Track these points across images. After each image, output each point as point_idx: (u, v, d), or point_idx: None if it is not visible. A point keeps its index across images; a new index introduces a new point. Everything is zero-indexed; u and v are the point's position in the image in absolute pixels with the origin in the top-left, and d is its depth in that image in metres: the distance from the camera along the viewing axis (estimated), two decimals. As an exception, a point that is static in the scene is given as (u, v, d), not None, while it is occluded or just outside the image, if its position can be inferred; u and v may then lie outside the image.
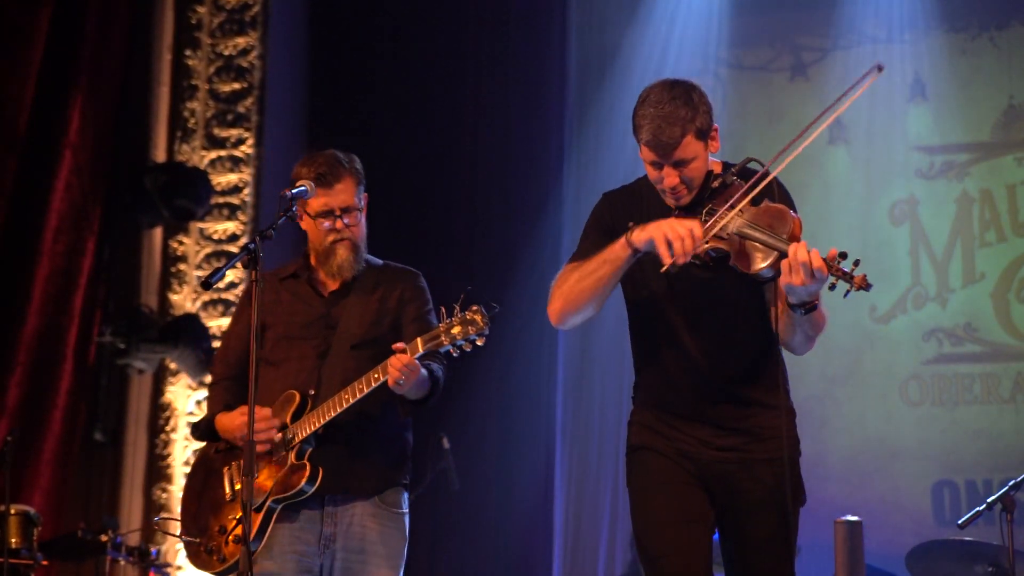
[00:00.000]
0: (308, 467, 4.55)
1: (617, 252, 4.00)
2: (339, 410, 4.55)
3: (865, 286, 3.65)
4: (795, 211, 3.95)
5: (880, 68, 4.04)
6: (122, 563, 7.73)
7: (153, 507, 9.26)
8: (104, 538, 7.43)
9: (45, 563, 7.18)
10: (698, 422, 4.13)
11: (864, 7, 9.57)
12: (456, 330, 4.36)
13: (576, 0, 9.98)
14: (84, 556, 7.78)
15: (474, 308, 4.38)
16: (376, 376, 4.48)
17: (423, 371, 4.52)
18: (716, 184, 4.03)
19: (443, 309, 4.41)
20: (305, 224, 4.80)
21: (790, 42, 9.80)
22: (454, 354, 4.46)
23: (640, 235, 3.93)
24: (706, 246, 3.89)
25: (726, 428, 4.12)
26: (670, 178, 4.01)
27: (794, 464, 4.17)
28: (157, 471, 9.34)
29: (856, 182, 9.37)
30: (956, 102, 9.43)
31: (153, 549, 7.96)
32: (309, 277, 4.86)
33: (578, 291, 4.13)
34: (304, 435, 4.58)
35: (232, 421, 4.72)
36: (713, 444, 4.12)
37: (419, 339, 4.41)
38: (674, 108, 3.97)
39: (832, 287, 3.71)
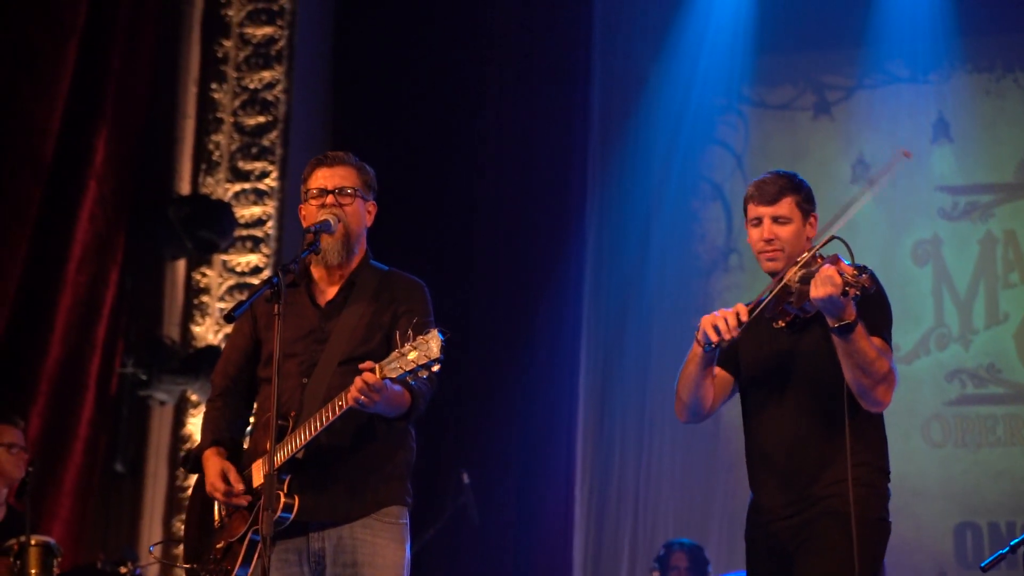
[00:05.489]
0: (282, 497, 4.35)
1: (693, 350, 4.48)
2: (310, 435, 4.35)
3: (870, 285, 4.04)
4: (885, 304, 4.42)
5: (907, 154, 4.57)
6: (140, 595, 7.72)
7: (173, 539, 9.24)
8: (123, 570, 7.40)
9: (64, 594, 7.18)
10: (778, 489, 4.45)
11: (889, 46, 9.57)
12: (412, 356, 4.14)
13: (600, 37, 10.01)
14: (103, 587, 7.76)
15: (429, 334, 4.16)
16: (341, 404, 4.28)
17: (395, 388, 4.30)
18: (801, 260, 4.35)
19: (397, 335, 4.22)
20: (303, 211, 4.69)
21: (814, 80, 9.80)
22: (411, 382, 4.21)
23: (699, 331, 4.39)
24: (783, 322, 4.37)
25: (801, 492, 4.40)
26: (767, 229, 4.48)
27: (864, 525, 4.27)
28: (177, 503, 9.33)
29: (879, 222, 9.34)
30: (980, 143, 9.42)
31: (172, 581, 7.95)
32: (307, 284, 4.69)
33: (679, 388, 4.58)
34: (279, 463, 4.35)
35: (209, 474, 4.57)
36: (784, 514, 4.42)
37: (377, 365, 4.20)
38: (780, 177, 4.56)
39: (846, 294, 4.04)
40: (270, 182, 9.78)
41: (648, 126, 9.91)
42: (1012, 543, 5.89)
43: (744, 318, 4.27)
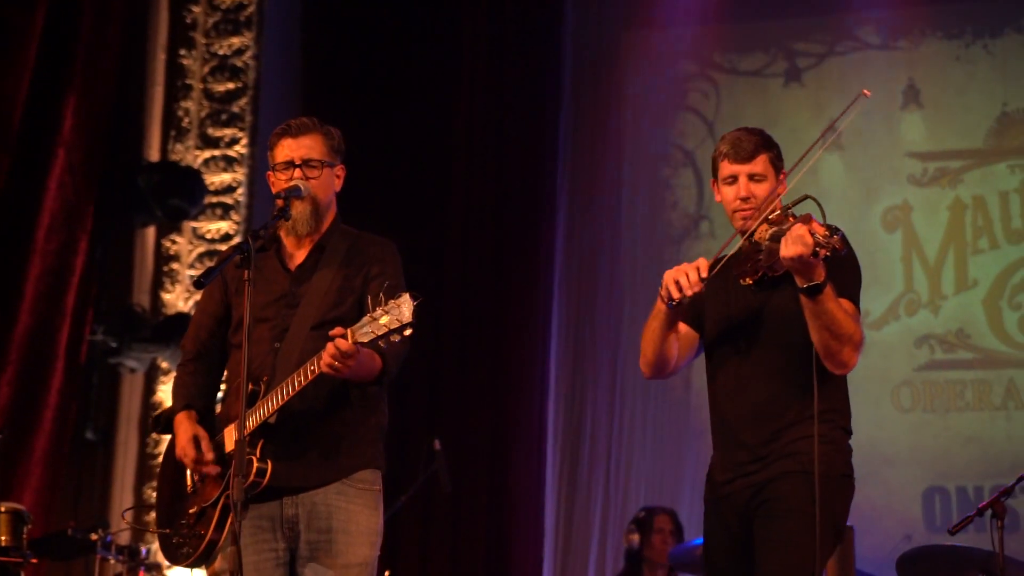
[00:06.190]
0: (255, 462, 4.34)
1: (657, 306, 4.44)
2: (283, 400, 4.35)
3: (841, 247, 3.98)
4: (855, 265, 4.38)
5: (866, 94, 4.61)
6: (112, 562, 7.71)
7: (145, 505, 9.25)
8: (94, 537, 7.40)
9: (35, 561, 7.16)
10: (739, 447, 4.38)
11: (859, 13, 9.58)
12: (384, 320, 4.13)
13: (572, 5, 9.98)
14: (74, 555, 7.75)
15: (401, 297, 4.13)
16: (312, 368, 4.27)
17: (366, 351, 4.29)
18: (772, 217, 4.29)
19: (369, 299, 4.19)
20: (272, 180, 4.65)
21: (784, 47, 9.80)
22: (382, 345, 4.18)
23: (663, 286, 4.31)
24: (750, 279, 4.33)
25: (761, 451, 4.33)
26: (744, 187, 4.41)
27: (827, 482, 4.22)
28: (148, 470, 9.33)
29: (850, 188, 9.37)
30: (950, 109, 9.44)
31: (143, 548, 7.94)
32: (276, 249, 4.67)
33: (644, 344, 4.54)
34: (251, 428, 4.36)
35: (180, 438, 4.56)
36: (744, 472, 4.35)
37: (349, 330, 4.18)
38: (754, 133, 4.52)
39: (816, 255, 3.99)
40: (240, 149, 9.74)
41: (620, 93, 9.90)
42: (979, 507, 5.95)
43: (704, 274, 4.21)
